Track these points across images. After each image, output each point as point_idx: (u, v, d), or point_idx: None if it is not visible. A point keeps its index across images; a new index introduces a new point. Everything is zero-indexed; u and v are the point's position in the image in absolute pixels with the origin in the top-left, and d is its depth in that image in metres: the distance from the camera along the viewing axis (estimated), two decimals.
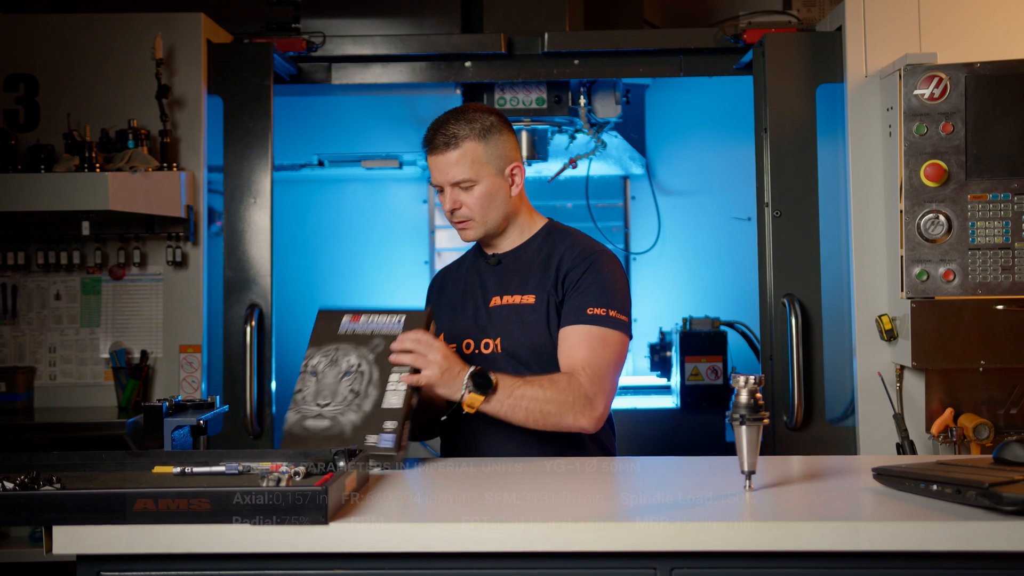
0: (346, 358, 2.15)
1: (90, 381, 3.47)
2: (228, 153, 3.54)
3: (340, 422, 2.09)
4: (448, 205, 2.32)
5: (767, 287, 3.51)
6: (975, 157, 3.11)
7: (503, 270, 2.40)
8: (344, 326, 2.19)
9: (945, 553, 1.62)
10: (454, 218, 2.35)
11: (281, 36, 3.77)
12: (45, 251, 3.44)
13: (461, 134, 2.30)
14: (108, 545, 1.63)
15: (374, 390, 2.10)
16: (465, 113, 2.33)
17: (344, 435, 2.07)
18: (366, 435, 2.05)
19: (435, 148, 2.31)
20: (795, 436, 3.41)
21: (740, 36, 3.69)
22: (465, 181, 2.30)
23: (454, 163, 2.29)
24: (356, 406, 2.10)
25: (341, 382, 2.12)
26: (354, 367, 2.13)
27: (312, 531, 1.62)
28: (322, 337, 2.20)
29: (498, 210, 2.35)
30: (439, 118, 2.35)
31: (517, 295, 2.33)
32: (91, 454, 1.93)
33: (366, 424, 2.07)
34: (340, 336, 2.18)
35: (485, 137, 2.32)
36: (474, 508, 1.77)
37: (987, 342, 3.08)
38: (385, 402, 2.08)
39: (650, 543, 1.62)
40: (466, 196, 2.32)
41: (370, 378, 2.12)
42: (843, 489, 1.89)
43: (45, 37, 3.45)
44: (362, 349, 2.15)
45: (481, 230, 2.35)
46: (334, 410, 2.10)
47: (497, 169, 2.34)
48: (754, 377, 1.84)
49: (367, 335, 2.16)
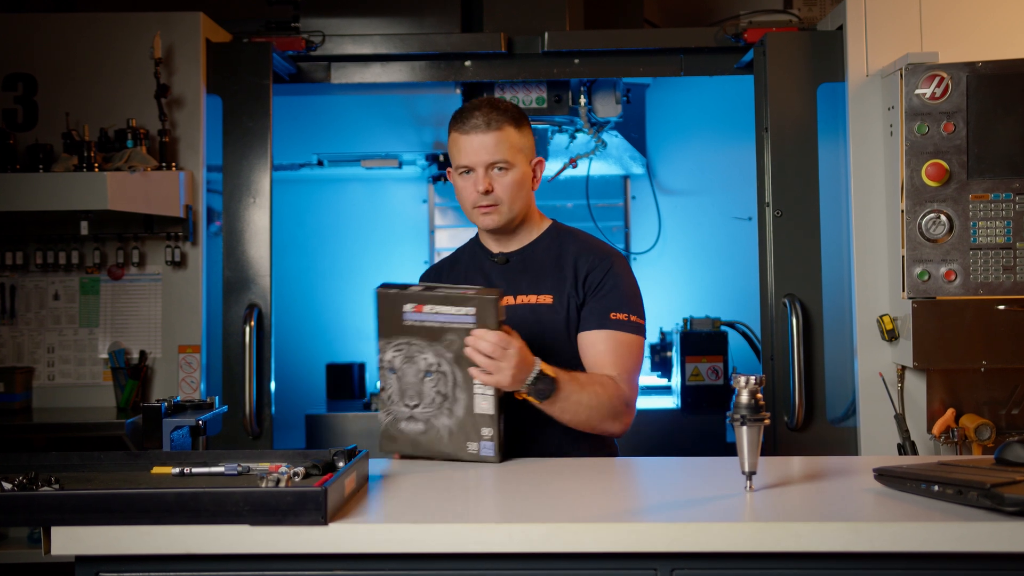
0: (422, 355, 2.11)
1: (89, 381, 3.47)
2: (227, 153, 3.54)
3: (435, 426, 2.10)
4: (481, 186, 2.29)
5: (768, 287, 3.51)
6: (976, 157, 3.11)
7: (511, 270, 2.39)
8: (408, 315, 2.10)
9: (946, 554, 1.62)
10: (484, 200, 2.31)
11: (280, 35, 3.77)
12: (44, 251, 3.44)
13: (501, 118, 2.31)
14: (107, 546, 1.64)
15: (462, 394, 2.09)
16: (499, 101, 2.37)
17: (442, 441, 2.09)
18: (466, 442, 2.06)
19: (474, 128, 2.30)
20: (796, 436, 3.41)
21: (741, 35, 3.69)
22: (501, 162, 2.30)
23: (493, 144, 2.29)
24: (447, 411, 2.09)
25: (424, 383, 2.11)
26: (434, 367, 2.11)
27: (312, 532, 1.62)
28: (389, 327, 2.12)
29: (522, 200, 2.36)
30: (471, 103, 2.36)
31: (532, 295, 2.32)
32: (90, 455, 1.93)
33: (462, 431, 2.08)
34: (408, 328, 2.11)
35: (520, 125, 2.35)
36: (474, 509, 1.78)
37: (989, 342, 3.08)
38: (476, 407, 2.07)
39: (650, 544, 1.62)
40: (499, 180, 2.31)
41: (454, 380, 2.09)
42: (844, 490, 1.89)
43: (44, 36, 3.46)
44: (437, 346, 2.10)
45: (506, 217, 2.34)
46: (425, 412, 2.10)
47: (527, 158, 2.36)
48: (755, 377, 1.84)
49: (438, 329, 2.09)
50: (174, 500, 1.62)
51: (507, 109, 2.34)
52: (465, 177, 2.34)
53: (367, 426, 4.14)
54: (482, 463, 2.10)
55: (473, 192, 2.32)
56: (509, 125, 2.32)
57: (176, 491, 1.63)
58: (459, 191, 2.36)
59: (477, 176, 2.31)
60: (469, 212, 2.37)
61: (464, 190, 2.34)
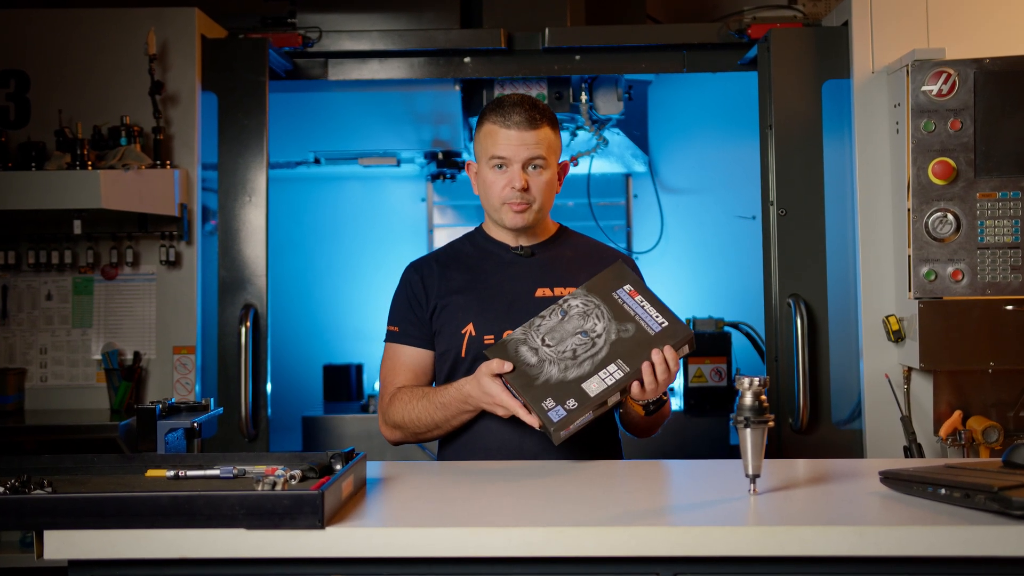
0: (598, 320, 2.13)
1: (82, 383, 3.47)
2: (223, 150, 3.54)
3: (544, 369, 2.09)
4: (519, 183, 2.29)
5: (772, 287, 3.51)
6: (984, 154, 3.11)
7: (538, 263, 2.39)
8: (620, 292, 2.17)
9: (953, 558, 1.62)
10: (517, 197, 2.30)
11: (276, 31, 3.77)
12: (36, 250, 3.44)
13: (543, 116, 2.33)
14: (100, 550, 1.63)
15: (589, 365, 2.08)
16: (536, 99, 2.38)
17: (535, 382, 2.07)
18: (548, 398, 2.05)
19: (517, 123, 2.29)
20: (800, 439, 3.41)
21: (744, 31, 3.69)
22: (539, 160, 2.31)
23: (535, 141, 2.30)
24: (565, 366, 2.09)
25: (575, 336, 2.12)
26: (594, 334, 2.12)
27: (309, 536, 1.62)
28: (599, 285, 2.19)
29: (550, 200, 2.38)
30: (510, 96, 2.35)
31: (571, 287, 2.31)
32: (83, 457, 1.93)
33: (558, 389, 2.06)
34: (611, 298, 2.16)
35: (555, 127, 2.38)
36: (473, 512, 1.77)
37: (996, 343, 3.08)
38: (587, 382, 2.06)
39: (652, 548, 1.62)
40: (535, 178, 2.32)
41: (596, 352, 2.10)
42: (849, 493, 1.89)
43: (36, 32, 3.46)
44: (614, 324, 2.12)
45: (535, 216, 2.35)
46: (549, 354, 2.10)
47: (557, 160, 2.39)
48: (759, 379, 1.85)
49: (628, 314, 2.13)
50: (169, 503, 1.62)
51: (546, 109, 2.37)
52: (497, 171, 2.32)
53: (365, 428, 4.14)
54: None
55: (506, 187, 2.31)
56: (548, 125, 2.34)
57: (171, 494, 1.63)
58: (486, 184, 2.34)
59: (513, 172, 2.30)
60: (495, 207, 2.35)
61: (494, 184, 2.33)
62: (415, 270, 2.44)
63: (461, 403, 2.21)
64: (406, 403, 2.30)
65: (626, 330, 2.11)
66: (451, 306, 2.35)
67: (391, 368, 2.39)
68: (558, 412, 2.03)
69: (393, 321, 2.41)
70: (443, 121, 4.28)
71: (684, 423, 4.12)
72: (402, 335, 2.39)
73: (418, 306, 2.38)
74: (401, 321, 2.40)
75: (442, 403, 2.25)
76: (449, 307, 2.35)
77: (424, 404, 2.27)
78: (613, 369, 2.08)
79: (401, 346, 2.39)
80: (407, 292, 2.41)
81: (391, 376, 2.38)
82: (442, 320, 2.35)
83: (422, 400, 2.28)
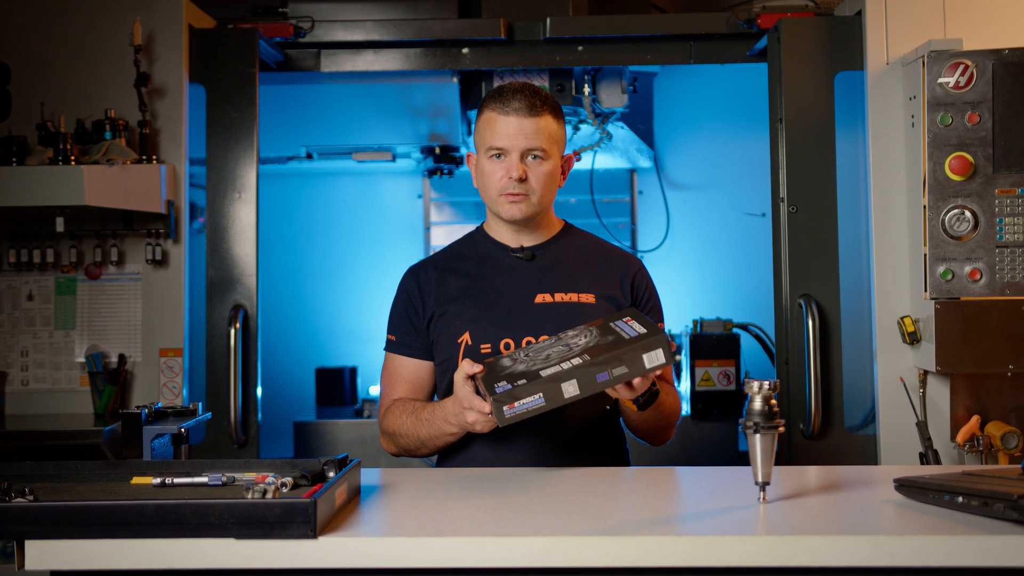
0: (584, 337, 2.12)
1: (65, 387, 3.47)
2: (211, 145, 3.54)
3: (515, 368, 2.07)
4: (516, 173, 2.28)
5: (782, 287, 3.51)
6: (1003, 149, 3.11)
7: (539, 266, 2.38)
8: (619, 322, 2.14)
9: (971, 569, 1.62)
10: (514, 188, 2.29)
11: (267, 21, 3.77)
12: (17, 249, 3.44)
13: (544, 105, 2.31)
14: (84, 560, 1.64)
15: (556, 363, 2.04)
16: (539, 88, 2.36)
17: (500, 374, 2.06)
18: (503, 381, 2.02)
19: (516, 110, 2.28)
20: (812, 445, 3.42)
21: (754, 21, 3.70)
22: (538, 150, 2.30)
23: (534, 130, 2.29)
24: (535, 364, 2.06)
25: (556, 347, 2.12)
26: (575, 344, 2.10)
27: (300, 546, 1.62)
28: (601, 320, 2.20)
29: (551, 193, 2.37)
30: (511, 84, 2.34)
31: (572, 293, 2.32)
32: (66, 464, 1.93)
33: (517, 376, 2.03)
34: (607, 326, 2.14)
35: (558, 116, 2.36)
36: (472, 521, 1.78)
37: (1016, 345, 3.09)
38: (546, 371, 2.02)
39: (658, 558, 1.62)
40: (534, 168, 2.31)
41: (569, 354, 2.06)
42: (863, 501, 1.89)
43: (17, 21, 3.46)
44: (596, 337, 2.11)
45: (534, 209, 2.33)
46: (524, 358, 2.11)
47: (559, 152, 2.37)
48: (768, 382, 1.85)
49: (613, 330, 2.11)
50: (155, 512, 1.62)
51: (548, 97, 2.34)
52: (495, 161, 2.32)
53: (359, 434, 4.15)
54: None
55: (503, 178, 2.30)
56: (550, 114, 2.32)
57: (157, 503, 1.63)
58: (484, 175, 2.34)
59: (511, 161, 2.29)
60: (493, 199, 2.34)
61: (492, 175, 2.32)
62: (412, 276, 2.44)
63: (442, 420, 2.21)
64: (397, 416, 2.32)
65: (605, 339, 2.10)
66: (448, 314, 2.34)
67: (389, 379, 2.41)
68: (503, 386, 2.01)
69: (391, 329, 2.42)
70: (440, 114, 4.29)
71: (691, 428, 4.13)
72: (399, 345, 2.39)
73: (415, 315, 2.38)
74: (398, 330, 2.40)
75: (426, 419, 2.25)
76: (446, 315, 2.34)
77: (412, 420, 2.28)
78: (576, 361, 2.04)
79: (399, 356, 2.40)
80: (404, 300, 2.41)
81: (389, 387, 2.40)
82: (439, 329, 2.34)
83: (411, 415, 2.29)
